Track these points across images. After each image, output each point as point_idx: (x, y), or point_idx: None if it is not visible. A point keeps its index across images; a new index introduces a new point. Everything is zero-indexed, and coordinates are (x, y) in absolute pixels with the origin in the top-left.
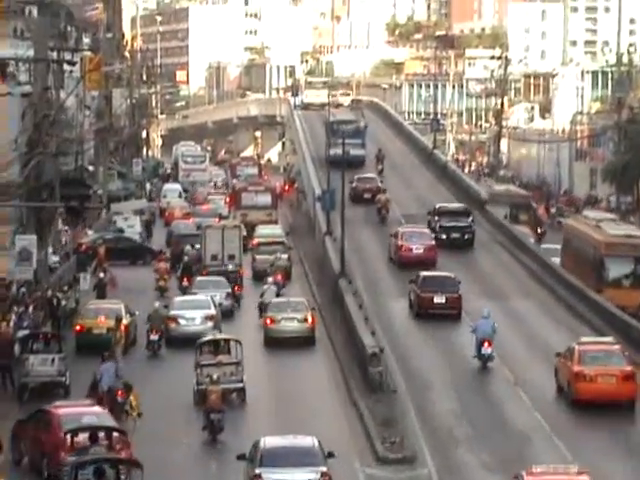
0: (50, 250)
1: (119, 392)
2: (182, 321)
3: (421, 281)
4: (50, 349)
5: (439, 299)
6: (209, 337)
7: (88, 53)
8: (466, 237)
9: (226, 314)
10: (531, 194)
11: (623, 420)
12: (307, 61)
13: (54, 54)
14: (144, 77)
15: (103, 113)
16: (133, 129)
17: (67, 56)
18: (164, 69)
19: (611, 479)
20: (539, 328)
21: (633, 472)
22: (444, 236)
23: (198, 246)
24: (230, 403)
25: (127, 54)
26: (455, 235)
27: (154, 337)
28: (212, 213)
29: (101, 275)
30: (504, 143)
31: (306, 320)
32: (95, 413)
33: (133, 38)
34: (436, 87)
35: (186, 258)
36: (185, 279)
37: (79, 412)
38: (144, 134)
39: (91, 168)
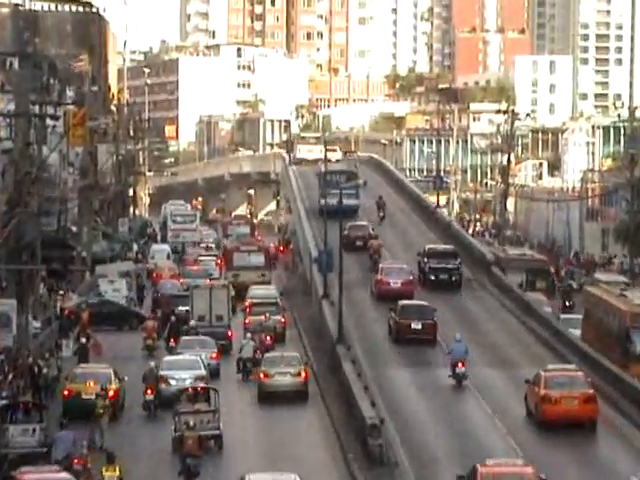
0: (30, 315)
1: (76, 460)
2: (172, 382)
3: (400, 309)
4: (31, 419)
5: (416, 325)
6: (187, 386)
7: (72, 107)
8: (454, 279)
9: (214, 373)
10: (546, 259)
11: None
12: (303, 115)
13: (36, 108)
14: (131, 132)
15: (88, 170)
16: (119, 187)
17: (50, 110)
18: (152, 123)
19: None
20: None
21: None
22: (432, 277)
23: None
24: (207, 450)
25: (113, 108)
26: (443, 277)
27: (150, 397)
28: (203, 274)
29: (82, 340)
30: (511, 202)
31: (299, 375)
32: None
33: (120, 91)
34: (439, 142)
35: (173, 318)
36: (172, 340)
37: (44, 478)
38: (131, 192)
39: (74, 228)
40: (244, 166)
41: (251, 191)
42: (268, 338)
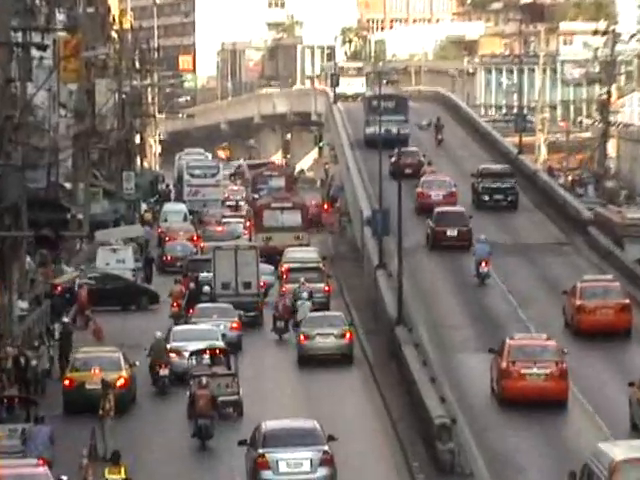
0: (15, 294)
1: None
2: (185, 354)
3: (435, 216)
4: (16, 417)
5: (451, 232)
6: (203, 346)
7: (63, 34)
8: (509, 199)
9: (234, 346)
10: None
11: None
12: (350, 41)
13: (19, 36)
14: (137, 64)
15: (84, 113)
16: (123, 133)
17: (36, 38)
18: (163, 54)
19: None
20: None
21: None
22: (486, 198)
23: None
24: (225, 417)
25: (114, 34)
26: (498, 197)
27: (164, 372)
28: (228, 237)
29: (64, 319)
30: (612, 145)
31: (344, 336)
32: (36, 474)
33: (122, 13)
34: (521, 72)
35: (192, 285)
36: (191, 310)
37: (20, 474)
38: (137, 140)
39: (68, 185)
40: (278, 105)
41: (288, 136)
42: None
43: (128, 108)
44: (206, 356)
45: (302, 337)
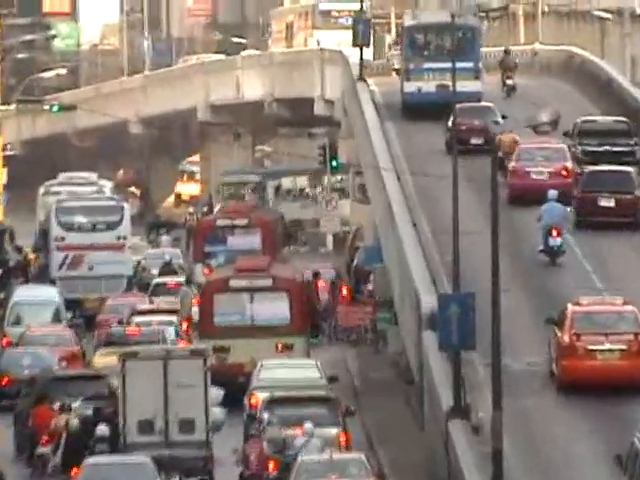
0: None
1: None
2: None
3: (585, 178)
4: None
5: (607, 202)
6: None
7: None
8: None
9: None
10: None
11: None
12: None
13: None
14: None
15: None
16: None
17: None
18: None
19: None
20: None
21: None
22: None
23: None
24: None
25: None
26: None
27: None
28: (147, 338)
29: None
30: None
31: None
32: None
33: None
34: None
35: (73, 424)
36: (73, 470)
37: None
38: None
39: None
40: (246, 85)
41: (265, 148)
42: None
43: None
44: None
45: None
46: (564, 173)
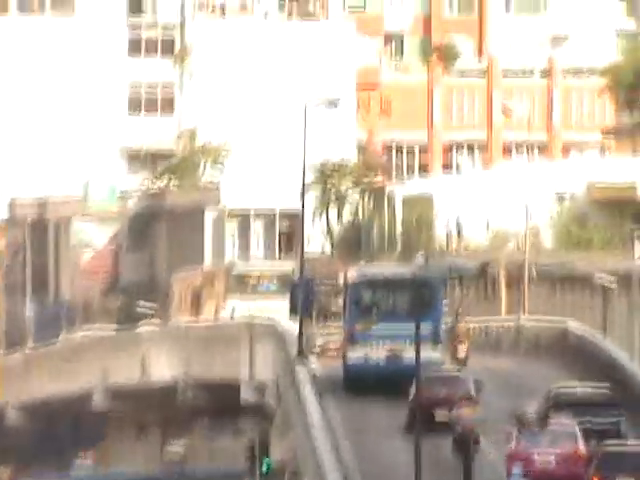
0: None
1: None
2: None
3: (601, 459)
4: None
5: None
6: None
7: None
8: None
9: None
10: None
11: None
12: None
13: None
14: None
15: None
16: None
17: None
18: None
19: None
20: None
21: None
22: None
23: None
24: None
25: None
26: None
27: None
28: None
29: None
30: None
31: None
32: None
33: None
34: None
35: None
36: None
37: None
38: None
39: None
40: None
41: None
42: None
43: None
44: None
45: None
46: (574, 460)
